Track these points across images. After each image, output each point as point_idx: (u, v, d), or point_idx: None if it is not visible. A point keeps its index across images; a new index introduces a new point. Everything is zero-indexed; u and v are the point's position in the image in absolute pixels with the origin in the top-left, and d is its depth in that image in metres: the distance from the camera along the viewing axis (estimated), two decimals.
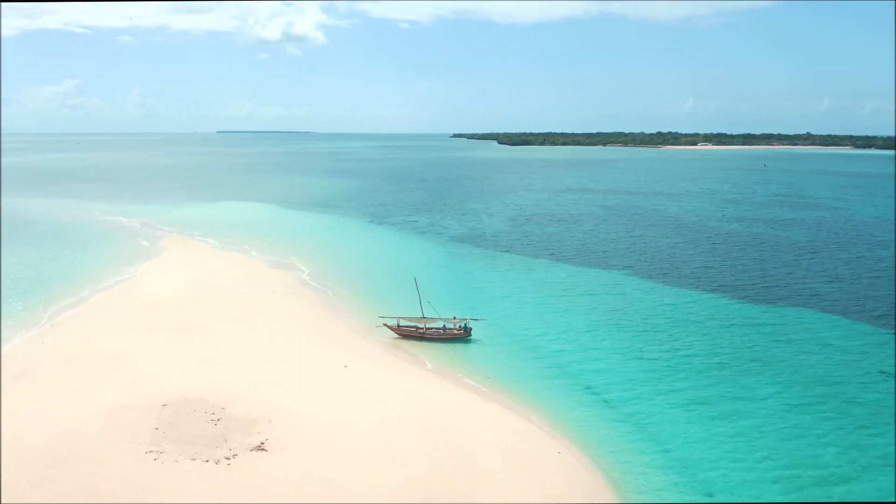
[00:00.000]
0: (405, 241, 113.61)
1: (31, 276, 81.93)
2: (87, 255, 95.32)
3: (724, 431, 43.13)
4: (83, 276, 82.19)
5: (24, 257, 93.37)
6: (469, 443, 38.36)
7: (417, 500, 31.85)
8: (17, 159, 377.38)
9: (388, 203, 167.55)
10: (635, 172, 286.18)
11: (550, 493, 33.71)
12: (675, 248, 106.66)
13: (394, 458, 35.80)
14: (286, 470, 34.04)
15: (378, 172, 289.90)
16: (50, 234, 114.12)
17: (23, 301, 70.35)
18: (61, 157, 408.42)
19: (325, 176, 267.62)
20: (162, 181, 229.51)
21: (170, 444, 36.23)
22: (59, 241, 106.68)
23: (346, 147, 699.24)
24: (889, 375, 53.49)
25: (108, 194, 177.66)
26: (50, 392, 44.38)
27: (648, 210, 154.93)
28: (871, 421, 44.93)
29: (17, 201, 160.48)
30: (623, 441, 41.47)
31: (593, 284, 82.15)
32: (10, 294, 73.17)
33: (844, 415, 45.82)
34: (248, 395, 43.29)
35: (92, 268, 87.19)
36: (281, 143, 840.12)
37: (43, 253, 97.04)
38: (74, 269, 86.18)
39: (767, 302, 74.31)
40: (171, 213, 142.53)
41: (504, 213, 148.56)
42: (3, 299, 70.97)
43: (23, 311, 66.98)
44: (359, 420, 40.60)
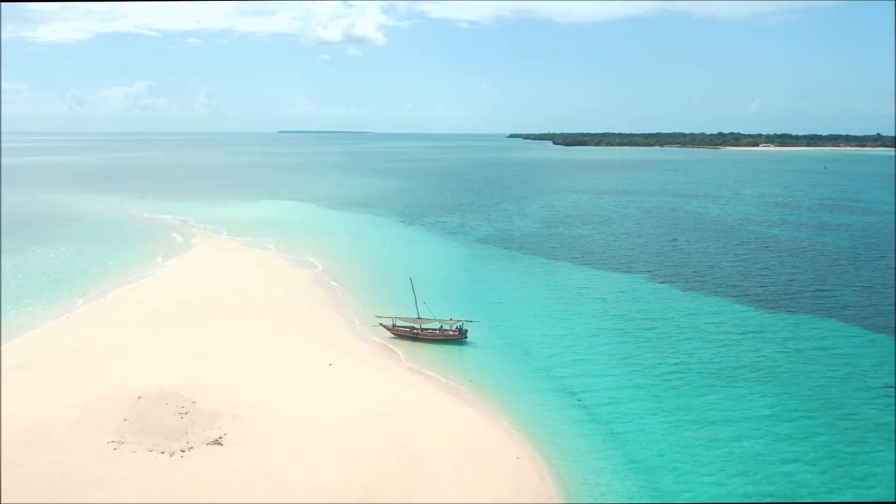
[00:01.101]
0: (430, 241, 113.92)
1: (64, 270, 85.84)
2: (121, 251, 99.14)
3: (701, 443, 41.79)
4: (112, 271, 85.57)
5: (62, 252, 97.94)
6: (427, 444, 38.30)
7: (353, 499, 31.99)
8: (80, 158, 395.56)
9: (425, 203, 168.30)
10: (686, 174, 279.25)
11: (493, 497, 33.35)
12: (706, 252, 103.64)
13: (345, 456, 36.07)
14: (235, 464, 34.74)
15: (424, 172, 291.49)
16: (93, 230, 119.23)
17: (49, 293, 73.75)
18: (123, 157, 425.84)
19: (371, 175, 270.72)
20: (212, 180, 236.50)
21: (133, 434, 37.45)
22: (100, 237, 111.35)
23: (401, 147, 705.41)
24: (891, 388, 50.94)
25: (157, 192, 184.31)
26: (42, 382, 46.43)
27: (689, 213, 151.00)
28: (861, 437, 42.75)
29: (69, 198, 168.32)
30: (591, 449, 40.65)
31: (608, 289, 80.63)
32: (39, 286, 76.89)
33: (834, 430, 43.73)
34: (224, 390, 44.30)
35: (122, 263, 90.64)
36: (339, 143, 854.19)
37: (82, 248, 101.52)
38: (106, 264, 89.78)
39: (787, 311, 71.45)
40: (212, 211, 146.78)
41: (538, 215, 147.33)
42: (32, 292, 74.68)
43: (46, 303, 70.15)
44: (325, 417, 41.06)
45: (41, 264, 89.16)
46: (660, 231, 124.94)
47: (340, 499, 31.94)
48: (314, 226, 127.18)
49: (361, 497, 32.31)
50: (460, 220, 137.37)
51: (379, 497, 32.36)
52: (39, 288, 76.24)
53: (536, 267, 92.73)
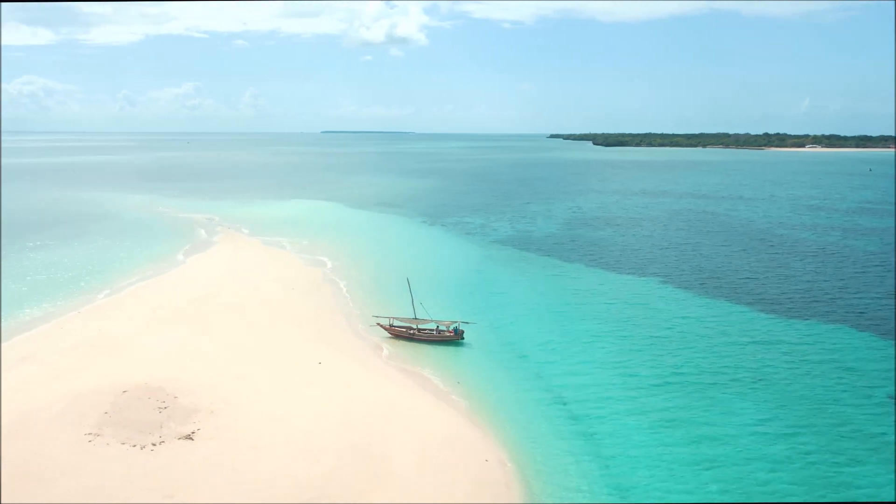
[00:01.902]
0: (447, 242, 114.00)
1: (89, 266, 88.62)
2: (146, 248, 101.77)
3: (680, 452, 40.92)
4: (133, 268, 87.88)
5: (90, 248, 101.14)
6: (394, 444, 38.46)
7: (307, 496, 32.34)
8: (126, 157, 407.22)
9: (451, 204, 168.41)
10: (723, 175, 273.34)
11: (448, 497, 33.33)
12: (728, 256, 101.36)
13: (309, 454, 36.49)
14: (201, 459, 35.46)
15: (456, 173, 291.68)
16: (124, 228, 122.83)
17: (69, 289, 76.18)
18: (166, 156, 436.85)
19: (404, 176, 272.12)
20: (247, 180, 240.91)
21: (110, 427, 38.53)
22: (129, 234, 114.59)
23: (439, 147, 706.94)
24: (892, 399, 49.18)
25: (191, 191, 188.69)
26: (40, 374, 48.05)
27: (717, 215, 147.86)
28: (849, 450, 41.33)
29: (107, 196, 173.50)
30: (565, 454, 40.22)
31: (618, 293, 79.49)
32: (60, 282, 79.53)
33: (823, 442, 42.35)
34: (207, 386, 45.21)
35: (145, 260, 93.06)
36: (379, 144, 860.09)
37: (110, 244, 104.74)
38: (129, 261, 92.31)
39: (801, 317, 69.44)
40: (241, 209, 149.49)
41: (562, 216, 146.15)
42: (53, 287, 77.23)
43: (64, 298, 72.42)
44: (299, 415, 41.58)
45: (67, 260, 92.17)
46: (683, 234, 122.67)
47: (295, 496, 32.32)
48: (335, 225, 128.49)
49: (315, 495, 32.65)
50: (482, 221, 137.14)
51: (332, 495, 32.66)
52: (60, 283, 78.85)
53: (549, 269, 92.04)
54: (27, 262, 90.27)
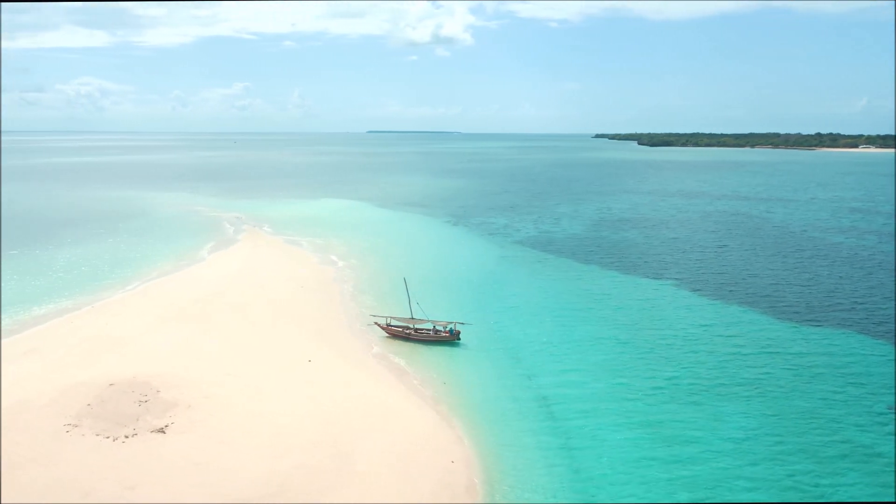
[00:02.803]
0: (466, 242, 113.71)
1: (111, 263, 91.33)
2: (170, 246, 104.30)
3: (656, 462, 39.88)
4: (153, 265, 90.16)
5: (117, 245, 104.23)
6: (364, 442, 38.60)
7: (267, 492, 32.69)
8: (171, 156, 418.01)
9: (479, 204, 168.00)
10: (766, 176, 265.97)
11: (406, 497, 33.27)
12: (752, 260, 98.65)
13: (276, 451, 36.87)
14: (168, 452, 36.19)
15: (493, 173, 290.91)
16: (153, 225, 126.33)
17: (87, 285, 78.55)
18: (211, 155, 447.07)
19: (439, 175, 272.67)
20: (284, 179, 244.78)
21: (90, 419, 39.63)
22: (156, 232, 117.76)
23: (482, 147, 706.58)
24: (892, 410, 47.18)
25: (226, 190, 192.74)
26: (40, 367, 49.67)
27: (750, 217, 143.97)
28: (834, 463, 39.76)
29: (144, 194, 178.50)
30: (538, 458, 39.68)
31: (630, 296, 78.05)
32: (81, 278, 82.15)
33: (811, 456, 40.74)
34: (192, 381, 46.09)
35: (167, 258, 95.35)
36: (422, 144, 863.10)
37: (136, 242, 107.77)
38: (151, 258, 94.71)
39: (815, 324, 67.05)
40: (269, 208, 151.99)
41: (589, 217, 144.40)
42: (77, 283, 79.79)
43: (82, 294, 74.67)
44: (275, 412, 42.05)
45: (93, 257, 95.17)
46: (711, 236, 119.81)
47: (254, 491, 32.71)
48: (358, 225, 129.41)
49: (274, 492, 32.97)
50: (507, 222, 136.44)
51: (291, 492, 32.94)
52: (81, 280, 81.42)
53: (562, 271, 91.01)
54: (54, 258, 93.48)
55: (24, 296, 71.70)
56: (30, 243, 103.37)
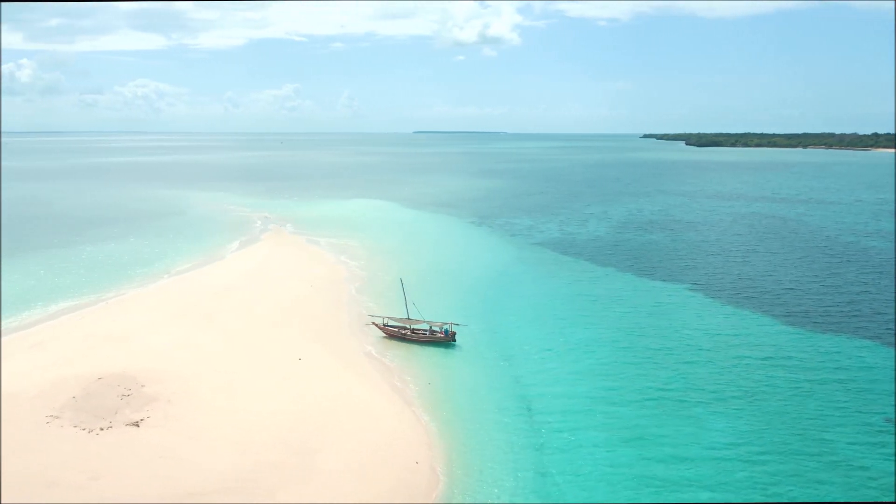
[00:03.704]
0: (486, 243, 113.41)
1: (135, 260, 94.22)
2: (196, 244, 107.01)
3: (630, 471, 39.00)
4: (174, 264, 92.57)
5: (144, 243, 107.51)
6: (332, 441, 39.05)
7: (223, 486, 33.41)
8: (217, 156, 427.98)
9: (508, 204, 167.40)
10: (811, 178, 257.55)
11: (360, 497, 33.57)
12: (777, 265, 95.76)
13: (243, 447, 37.59)
14: (138, 444, 37.31)
15: (529, 173, 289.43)
16: (184, 224, 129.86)
17: (106, 282, 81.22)
18: (257, 155, 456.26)
19: (475, 176, 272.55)
20: (321, 179, 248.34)
21: (71, 411, 41.10)
22: (187, 230, 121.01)
23: (525, 148, 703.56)
24: (891, 422, 45.36)
25: (261, 190, 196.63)
26: (41, 360, 51.65)
27: (785, 220, 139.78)
28: (818, 477, 38.44)
29: (182, 194, 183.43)
30: (507, 463, 39.32)
31: (641, 300, 76.56)
32: (103, 274, 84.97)
33: (796, 472, 39.33)
34: (180, 377, 47.33)
35: (189, 256, 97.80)
36: (466, 144, 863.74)
37: (165, 239, 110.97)
38: (174, 257, 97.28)
39: (829, 332, 64.72)
40: (299, 208, 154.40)
41: (617, 218, 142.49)
42: (101, 279, 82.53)
43: (99, 290, 77.20)
44: (251, 409, 42.86)
45: (118, 254, 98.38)
46: (739, 239, 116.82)
47: (211, 485, 33.47)
48: (382, 224, 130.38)
49: (231, 486, 33.67)
50: (531, 223, 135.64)
51: (247, 487, 33.60)
52: (102, 276, 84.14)
53: (577, 273, 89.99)
54: (81, 255, 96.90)
55: (43, 292, 74.55)
56: (61, 241, 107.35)
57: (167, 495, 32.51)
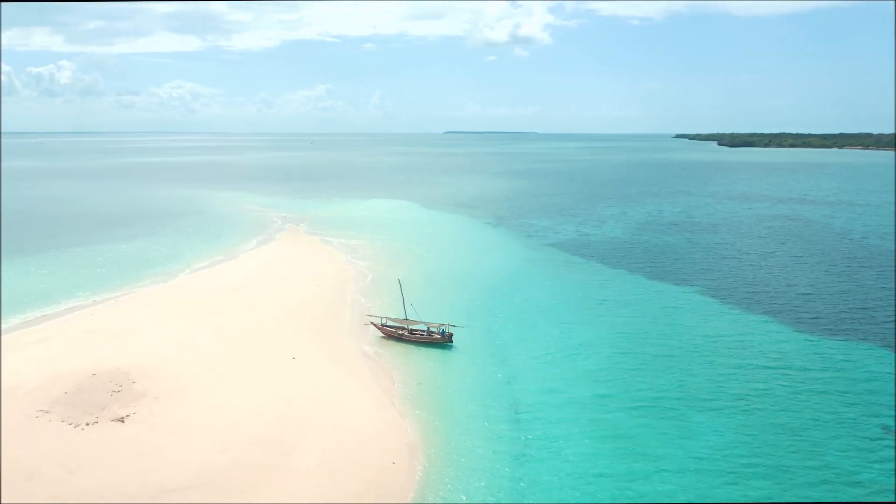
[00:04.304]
0: (500, 243, 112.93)
1: (150, 259, 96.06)
2: (211, 244, 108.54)
3: (610, 477, 38.59)
4: (189, 261, 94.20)
5: (162, 242, 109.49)
6: (310, 440, 39.35)
7: (194, 483, 33.90)
8: (246, 157, 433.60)
9: (528, 205, 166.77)
10: (842, 179, 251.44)
11: (329, 497, 33.76)
12: (794, 268, 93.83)
13: (220, 445, 38.08)
14: (119, 440, 38.03)
15: (554, 174, 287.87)
16: (204, 223, 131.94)
17: (119, 280, 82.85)
18: (286, 156, 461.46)
19: (498, 176, 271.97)
20: (345, 179, 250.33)
21: (61, 406, 42.07)
22: (205, 230, 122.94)
23: (554, 148, 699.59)
24: (891, 432, 44.18)
25: (284, 190, 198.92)
26: (45, 355, 52.90)
27: (809, 223, 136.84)
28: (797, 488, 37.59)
29: (206, 193, 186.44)
30: (485, 466, 39.13)
31: (648, 303, 75.47)
32: (118, 273, 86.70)
33: (776, 478, 38.63)
34: (171, 374, 48.11)
35: (202, 255, 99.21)
36: (495, 145, 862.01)
37: (182, 238, 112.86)
38: (188, 256, 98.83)
39: (839, 339, 63.12)
40: (319, 208, 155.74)
41: (637, 219, 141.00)
42: (115, 277, 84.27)
43: (112, 288, 78.75)
44: (235, 407, 43.38)
45: (135, 253, 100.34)
46: (758, 242, 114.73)
47: (182, 482, 33.99)
48: (397, 225, 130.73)
49: (203, 482, 34.17)
50: (549, 224, 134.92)
51: (217, 484, 34.05)
52: (116, 274, 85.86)
53: (586, 275, 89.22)
54: (97, 253, 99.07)
55: (57, 289, 76.27)
56: (81, 239, 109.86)
57: (140, 491, 33.12)
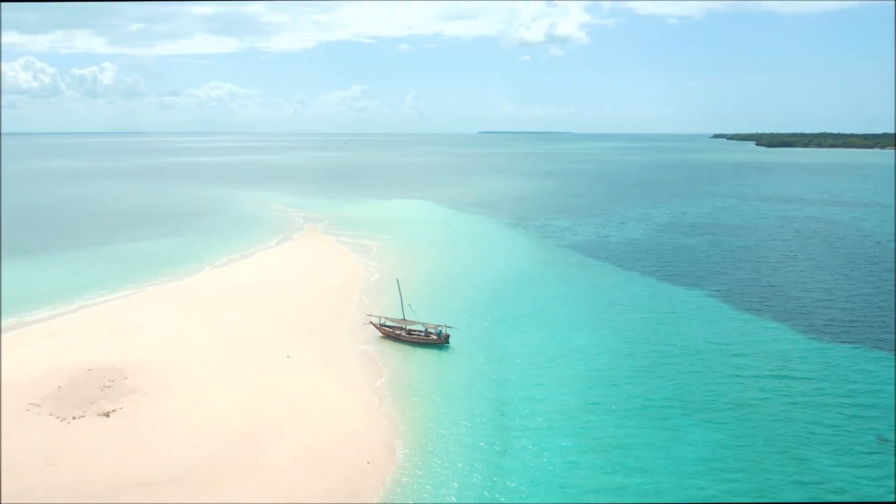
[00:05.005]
0: (514, 244, 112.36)
1: (169, 257, 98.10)
2: (231, 243, 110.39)
3: (587, 480, 38.22)
4: (206, 260, 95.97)
5: (183, 240, 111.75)
6: (288, 438, 39.76)
7: (166, 478, 34.50)
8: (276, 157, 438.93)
9: (549, 206, 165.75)
10: (879, 180, 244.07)
11: (305, 495, 34.07)
12: (813, 272, 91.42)
13: (199, 441, 38.70)
14: (100, 433, 38.95)
15: (581, 174, 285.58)
16: (225, 222, 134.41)
17: (135, 278, 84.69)
18: (317, 156, 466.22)
19: (525, 176, 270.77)
20: (371, 179, 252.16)
21: (52, 400, 43.23)
22: (226, 229, 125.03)
23: (586, 148, 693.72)
24: (888, 443, 42.83)
25: (310, 190, 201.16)
26: (49, 350, 54.46)
27: (837, 224, 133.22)
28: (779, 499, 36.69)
29: (234, 193, 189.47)
30: (462, 468, 38.93)
31: (656, 306, 74.27)
32: (135, 271, 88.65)
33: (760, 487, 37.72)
34: (163, 369, 49.10)
35: (222, 253, 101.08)
36: (529, 145, 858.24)
37: (204, 237, 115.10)
38: (207, 254, 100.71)
39: (848, 346, 61.36)
40: (341, 208, 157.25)
41: (659, 221, 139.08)
42: (133, 274, 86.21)
43: (127, 286, 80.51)
44: (219, 403, 44.08)
45: (156, 252, 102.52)
46: (780, 245, 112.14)
47: (156, 476, 34.64)
48: (416, 225, 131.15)
49: (176, 477, 34.81)
50: (568, 224, 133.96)
51: (189, 479, 34.63)
52: (132, 272, 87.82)
53: (597, 277, 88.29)
54: (118, 252, 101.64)
55: (73, 286, 78.33)
56: (105, 238, 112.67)
57: (112, 483, 33.86)
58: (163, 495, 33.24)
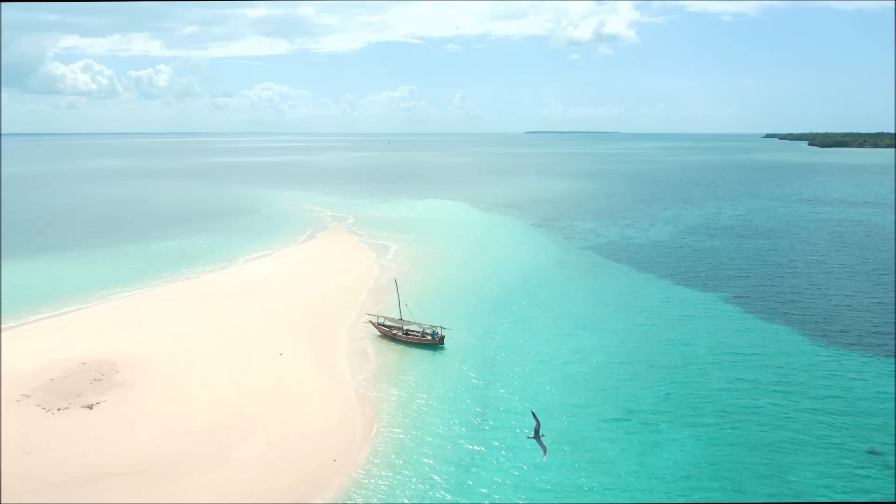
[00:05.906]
0: (534, 245, 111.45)
1: (193, 255, 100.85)
2: (257, 241, 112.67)
3: (555, 486, 38.01)
4: (228, 258, 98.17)
5: (211, 239, 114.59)
6: (259, 433, 40.55)
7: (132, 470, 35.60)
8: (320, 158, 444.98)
9: (578, 206, 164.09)
10: None
11: (258, 492, 34.73)
12: (839, 278, 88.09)
13: (172, 433, 39.91)
14: (80, 425, 40.46)
15: (621, 175, 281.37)
16: (253, 221, 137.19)
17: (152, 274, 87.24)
18: (359, 156, 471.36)
19: (562, 177, 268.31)
20: (408, 180, 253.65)
21: (42, 392, 44.98)
22: (255, 227, 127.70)
23: (635, 148, 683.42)
24: (879, 457, 41.27)
25: (344, 190, 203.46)
26: (51, 343, 56.62)
27: (874, 228, 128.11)
28: None
29: (269, 192, 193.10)
30: (427, 470, 39.10)
31: (665, 310, 72.99)
32: (156, 268, 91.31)
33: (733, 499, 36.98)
34: (154, 364, 50.60)
35: (245, 252, 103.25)
36: (576, 145, 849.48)
37: (232, 235, 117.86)
38: (230, 252, 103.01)
39: (860, 355, 59.08)
40: (370, 208, 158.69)
41: (689, 222, 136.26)
42: (154, 271, 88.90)
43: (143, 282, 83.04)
44: (200, 398, 45.20)
45: (182, 249, 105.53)
46: (810, 249, 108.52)
47: (124, 467, 35.80)
48: (440, 225, 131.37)
49: (142, 469, 35.94)
50: (594, 225, 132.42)
51: (154, 471, 35.70)
52: (154, 269, 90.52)
53: (611, 279, 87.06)
54: (146, 250, 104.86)
55: (94, 283, 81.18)
56: (135, 237, 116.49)
57: (81, 472, 35.17)
58: (125, 486, 34.34)
